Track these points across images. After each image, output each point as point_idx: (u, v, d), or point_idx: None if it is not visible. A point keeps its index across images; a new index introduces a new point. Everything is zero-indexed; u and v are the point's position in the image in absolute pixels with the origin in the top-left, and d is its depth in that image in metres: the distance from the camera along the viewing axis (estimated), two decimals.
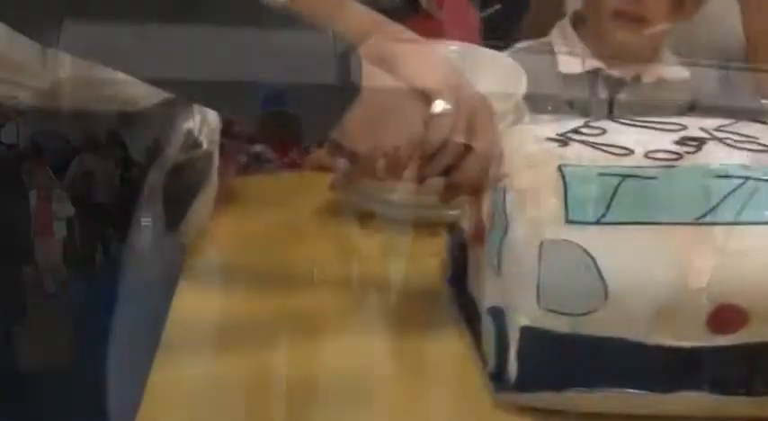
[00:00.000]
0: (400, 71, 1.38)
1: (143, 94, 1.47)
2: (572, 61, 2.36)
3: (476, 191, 1.40)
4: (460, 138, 1.36)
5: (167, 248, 1.68)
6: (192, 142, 1.57)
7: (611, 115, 1.92)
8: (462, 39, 1.86)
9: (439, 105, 1.33)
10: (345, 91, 1.32)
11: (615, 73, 2.36)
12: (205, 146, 1.66)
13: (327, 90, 1.33)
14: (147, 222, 1.63)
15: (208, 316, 1.45)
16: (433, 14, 2.01)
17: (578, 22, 2.48)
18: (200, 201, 1.65)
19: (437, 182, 1.40)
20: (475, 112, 1.37)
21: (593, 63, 2.33)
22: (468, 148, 1.36)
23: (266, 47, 1.29)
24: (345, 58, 1.33)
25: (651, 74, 2.38)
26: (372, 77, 1.33)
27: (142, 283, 1.62)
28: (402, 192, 1.58)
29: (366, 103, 1.32)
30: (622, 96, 2.30)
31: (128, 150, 1.51)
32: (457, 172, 1.37)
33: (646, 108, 2.37)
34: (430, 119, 1.34)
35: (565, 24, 2.52)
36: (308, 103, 1.32)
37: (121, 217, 1.56)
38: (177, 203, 1.64)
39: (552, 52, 2.34)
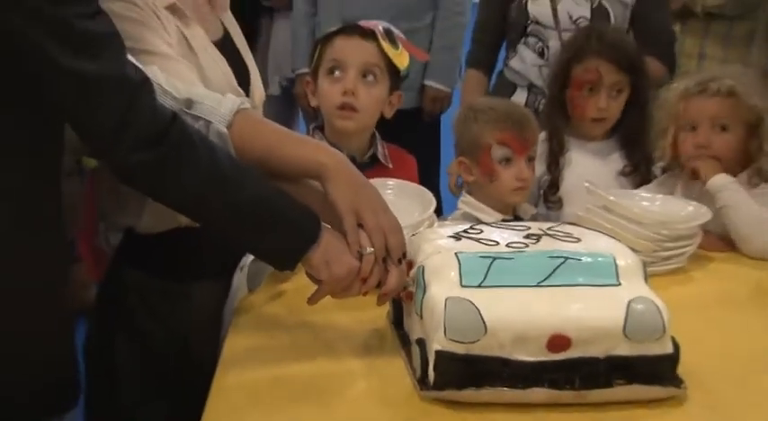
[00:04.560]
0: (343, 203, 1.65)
1: None
2: None
3: (398, 293, 1.69)
4: (381, 268, 1.65)
5: None
6: None
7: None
8: (402, 178, 2.23)
9: (368, 249, 1.63)
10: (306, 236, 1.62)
11: None
12: None
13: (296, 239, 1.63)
14: None
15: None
16: (386, 165, 2.37)
17: None
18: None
19: None
20: (389, 230, 1.66)
21: None
22: (387, 270, 1.65)
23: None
24: (310, 214, 1.63)
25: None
26: (325, 228, 1.63)
27: None
28: None
29: (321, 248, 1.61)
30: None
31: None
32: (384, 285, 1.67)
33: None
34: (362, 257, 1.63)
35: None
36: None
37: None
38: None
39: None
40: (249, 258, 1.95)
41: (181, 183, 1.53)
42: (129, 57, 1.53)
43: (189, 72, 1.80)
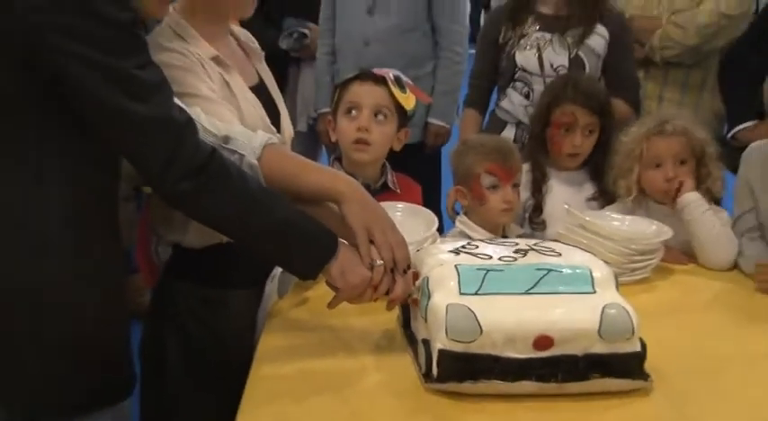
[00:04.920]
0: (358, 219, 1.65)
1: None
2: None
3: (405, 299, 1.70)
4: (390, 278, 1.64)
5: None
6: None
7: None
8: (408, 201, 2.25)
9: (378, 261, 1.63)
10: (325, 251, 1.63)
11: None
12: None
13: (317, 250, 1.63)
14: None
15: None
16: (395, 190, 2.36)
17: None
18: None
19: None
20: (396, 246, 1.66)
21: None
22: (395, 280, 1.66)
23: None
24: (328, 232, 1.64)
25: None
26: (342, 244, 1.64)
27: None
28: None
29: (338, 261, 1.62)
30: None
31: None
32: (392, 292, 1.66)
33: None
34: (373, 268, 1.63)
35: None
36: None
37: None
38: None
39: None
40: (278, 269, 1.95)
41: (219, 207, 1.54)
42: (176, 100, 1.53)
43: (228, 112, 1.80)
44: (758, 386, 1.67)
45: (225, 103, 1.83)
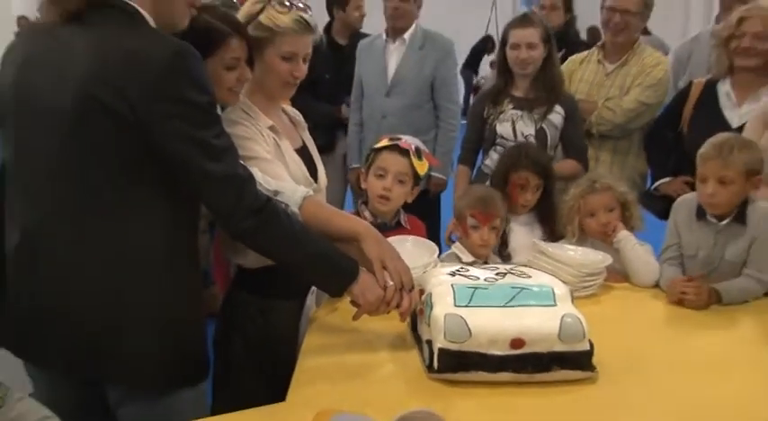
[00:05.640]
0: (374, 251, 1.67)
1: None
2: None
3: (411, 311, 1.70)
4: (399, 296, 1.65)
5: None
6: None
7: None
8: (415, 235, 2.22)
9: (390, 283, 1.65)
10: (349, 275, 1.63)
11: None
12: None
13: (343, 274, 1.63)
14: None
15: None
16: (406, 227, 2.33)
17: None
18: None
19: None
20: (402, 271, 1.66)
21: None
22: (402, 297, 1.66)
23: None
24: (351, 261, 1.65)
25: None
26: (362, 270, 1.64)
27: None
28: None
29: (359, 283, 1.63)
30: None
31: None
32: (401, 307, 1.66)
33: None
34: (386, 289, 1.64)
35: None
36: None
37: None
38: None
39: None
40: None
41: (270, 242, 1.57)
42: (240, 160, 1.55)
43: (280, 169, 1.81)
44: (677, 372, 1.67)
45: (277, 161, 1.83)
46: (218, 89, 1.68)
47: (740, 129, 2.54)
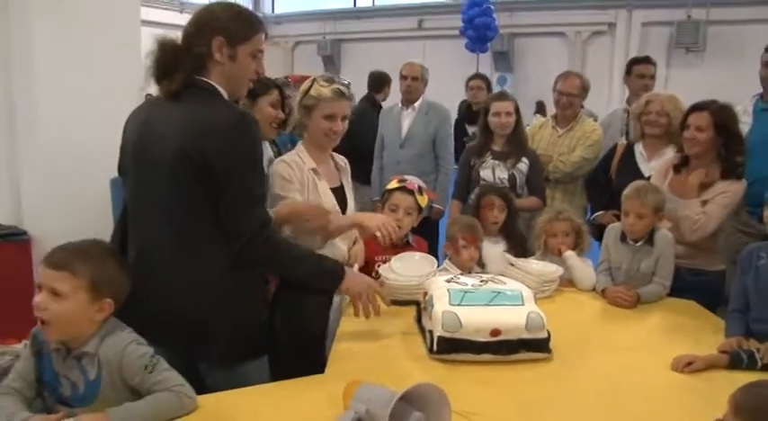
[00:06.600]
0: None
1: None
2: None
3: (418, 307, 1.61)
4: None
5: None
6: None
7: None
8: (420, 251, 2.14)
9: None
10: (338, 276, 1.53)
11: None
12: None
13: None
14: None
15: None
16: (412, 245, 2.22)
17: None
18: None
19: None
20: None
21: None
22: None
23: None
24: (339, 266, 1.55)
25: None
26: (349, 271, 1.56)
27: None
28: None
29: (345, 281, 1.53)
30: None
31: None
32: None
33: None
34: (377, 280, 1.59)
35: None
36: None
37: None
38: None
39: None
40: None
41: (276, 266, 1.50)
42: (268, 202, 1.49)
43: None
44: (609, 351, 1.62)
45: (297, 194, 1.78)
46: (263, 124, 1.66)
47: (650, 178, 2.47)
